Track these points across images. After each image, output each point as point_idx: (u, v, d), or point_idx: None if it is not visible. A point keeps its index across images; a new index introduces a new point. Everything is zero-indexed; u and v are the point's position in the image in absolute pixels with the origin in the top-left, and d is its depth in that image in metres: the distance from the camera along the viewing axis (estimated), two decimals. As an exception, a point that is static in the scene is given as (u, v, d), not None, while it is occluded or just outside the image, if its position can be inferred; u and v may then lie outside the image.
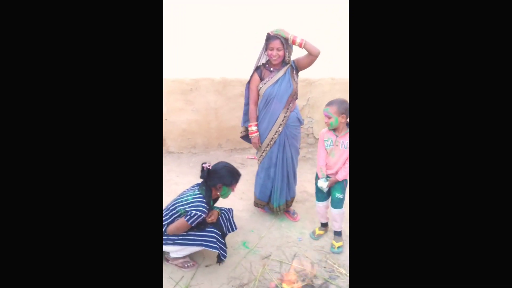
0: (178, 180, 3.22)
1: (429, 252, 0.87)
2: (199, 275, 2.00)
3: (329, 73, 4.06)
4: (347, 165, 2.10)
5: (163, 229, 1.95)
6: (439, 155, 0.87)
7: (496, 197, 0.84)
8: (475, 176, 0.86)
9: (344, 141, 2.09)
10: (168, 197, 2.12)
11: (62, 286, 0.83)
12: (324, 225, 2.45)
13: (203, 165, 1.97)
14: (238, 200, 2.95)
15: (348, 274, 2.01)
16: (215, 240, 1.90)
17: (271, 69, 2.27)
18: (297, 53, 2.36)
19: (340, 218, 2.26)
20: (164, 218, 1.96)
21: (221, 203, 2.75)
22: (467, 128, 0.86)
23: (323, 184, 2.17)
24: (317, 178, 2.28)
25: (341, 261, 2.16)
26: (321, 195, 2.31)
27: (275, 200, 2.51)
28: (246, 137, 2.56)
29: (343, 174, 2.11)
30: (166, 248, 1.98)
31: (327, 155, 2.19)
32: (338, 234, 2.31)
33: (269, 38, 2.19)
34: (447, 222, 0.87)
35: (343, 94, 3.85)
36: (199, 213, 1.84)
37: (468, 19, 0.85)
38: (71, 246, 0.85)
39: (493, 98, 0.85)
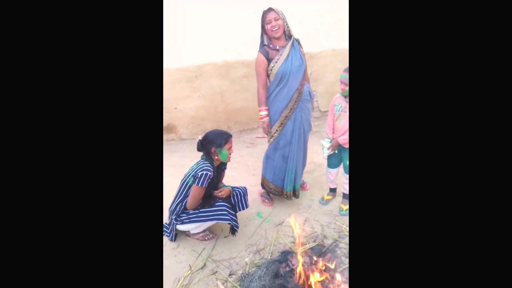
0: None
1: (427, 228, 0.88)
2: (219, 246, 2.18)
3: (330, 45, 4.07)
4: None
5: (179, 209, 2.11)
6: (441, 133, 0.89)
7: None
8: (479, 157, 0.85)
9: None
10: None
11: (63, 276, 0.85)
12: (333, 191, 2.57)
13: (197, 140, 2.12)
14: (250, 176, 3.10)
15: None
16: (226, 212, 2.04)
17: (277, 47, 2.21)
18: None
19: None
20: (178, 197, 2.12)
21: (236, 181, 2.90)
22: (466, 105, 0.86)
23: (326, 144, 2.27)
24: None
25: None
26: (332, 162, 2.41)
27: (289, 183, 2.41)
28: None
29: (345, 138, 2.19)
30: (184, 227, 2.14)
31: (334, 119, 2.27)
32: (347, 197, 2.43)
33: (264, 13, 2.19)
34: (443, 193, 0.88)
35: (345, 64, 3.87)
36: (205, 172, 1.95)
37: (468, 18, 0.87)
38: (70, 237, 0.87)
39: (495, 84, 0.85)
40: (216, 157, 2.07)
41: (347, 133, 2.18)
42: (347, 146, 2.23)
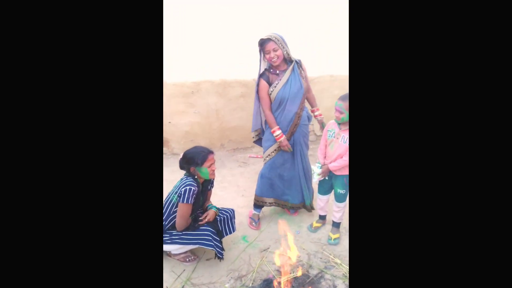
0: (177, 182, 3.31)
1: (429, 249, 0.86)
2: (200, 269, 2.08)
3: (328, 71, 4.11)
4: (345, 159, 2.11)
5: (164, 228, 2.02)
6: (440, 152, 0.87)
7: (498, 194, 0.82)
8: (475, 174, 0.84)
9: (345, 135, 2.10)
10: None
11: (64, 283, 0.84)
12: (322, 218, 2.50)
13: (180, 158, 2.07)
14: (240, 197, 3.02)
15: (343, 264, 2.05)
16: (210, 238, 1.95)
17: (277, 72, 2.24)
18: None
19: (341, 211, 2.31)
20: (164, 217, 2.03)
21: (225, 201, 2.82)
22: (465, 127, 0.85)
23: (316, 170, 2.22)
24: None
25: (337, 252, 2.20)
26: (323, 188, 2.35)
27: (307, 198, 2.51)
28: (258, 141, 2.57)
29: (336, 165, 2.14)
30: (165, 247, 2.04)
31: (327, 145, 2.23)
32: (336, 225, 2.35)
33: (262, 43, 2.18)
34: (447, 216, 0.85)
35: (342, 90, 3.87)
36: (188, 187, 1.88)
37: (468, 19, 0.86)
38: (72, 246, 0.86)
39: (493, 94, 0.84)
40: (196, 176, 2.00)
41: (338, 160, 2.13)
42: (337, 173, 2.18)
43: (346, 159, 2.11)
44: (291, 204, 2.52)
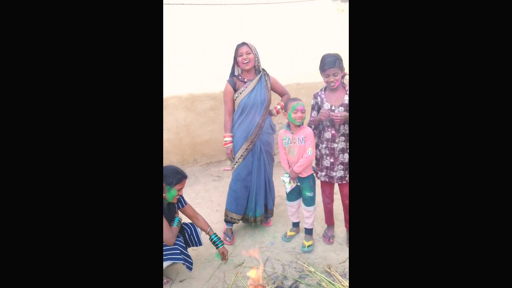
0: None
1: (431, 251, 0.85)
2: (174, 291, 2.01)
3: (294, 79, 4.17)
4: (305, 156, 2.15)
5: None
6: (439, 153, 0.86)
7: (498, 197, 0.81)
8: (474, 174, 0.83)
9: (299, 136, 2.17)
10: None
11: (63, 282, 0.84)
12: (296, 225, 2.49)
13: None
14: (214, 213, 2.97)
15: (317, 272, 2.05)
16: (179, 251, 1.93)
17: (245, 80, 2.31)
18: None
19: (312, 215, 2.32)
20: None
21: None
22: (463, 130, 0.84)
23: (286, 179, 2.25)
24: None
25: (311, 260, 2.19)
26: (291, 195, 2.36)
27: (251, 210, 2.47)
28: None
29: (299, 165, 2.17)
30: None
31: (286, 153, 2.26)
32: (309, 232, 2.36)
33: (237, 46, 2.29)
34: (449, 217, 0.85)
35: (309, 98, 3.93)
36: None
37: (468, 21, 0.85)
38: (72, 255, 0.87)
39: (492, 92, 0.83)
40: (164, 194, 1.95)
41: (300, 160, 2.17)
42: (303, 174, 2.22)
43: (306, 157, 2.16)
44: (259, 218, 2.50)
